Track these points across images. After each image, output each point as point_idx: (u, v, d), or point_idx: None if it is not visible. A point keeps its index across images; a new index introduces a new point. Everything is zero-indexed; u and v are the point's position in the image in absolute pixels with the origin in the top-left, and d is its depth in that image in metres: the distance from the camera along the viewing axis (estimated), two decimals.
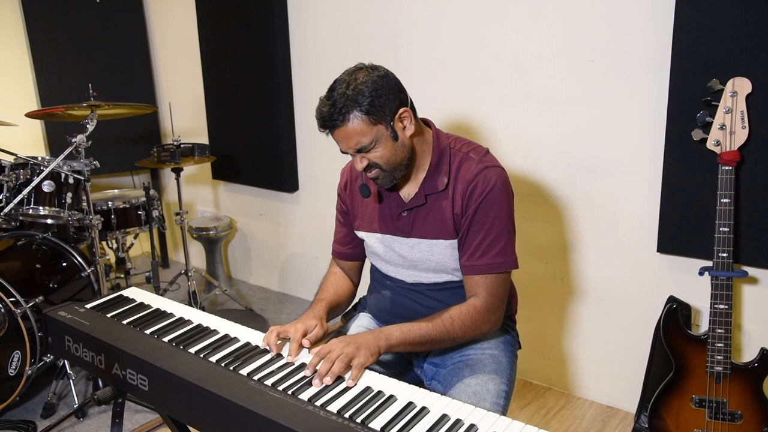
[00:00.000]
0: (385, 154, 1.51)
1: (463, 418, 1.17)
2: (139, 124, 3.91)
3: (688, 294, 2.22)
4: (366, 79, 1.45)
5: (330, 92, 1.47)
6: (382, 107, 1.45)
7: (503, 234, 1.54)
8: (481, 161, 1.56)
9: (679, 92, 2.11)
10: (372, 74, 1.46)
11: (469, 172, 1.54)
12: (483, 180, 1.53)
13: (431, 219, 1.59)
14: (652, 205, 2.29)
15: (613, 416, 2.52)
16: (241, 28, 3.36)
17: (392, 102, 1.47)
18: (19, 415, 2.53)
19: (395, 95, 1.48)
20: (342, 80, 1.47)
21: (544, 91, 2.47)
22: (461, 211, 1.55)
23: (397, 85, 1.50)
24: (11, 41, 3.65)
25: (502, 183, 1.54)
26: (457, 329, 1.52)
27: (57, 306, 1.63)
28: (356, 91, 1.43)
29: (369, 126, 1.46)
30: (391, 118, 1.48)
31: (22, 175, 2.58)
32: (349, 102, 1.43)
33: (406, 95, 1.52)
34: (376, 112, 1.45)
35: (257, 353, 1.41)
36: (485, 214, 1.53)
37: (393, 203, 1.63)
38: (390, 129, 1.48)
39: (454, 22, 2.64)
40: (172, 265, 4.35)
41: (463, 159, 1.58)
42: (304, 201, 3.52)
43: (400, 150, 1.53)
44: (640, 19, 2.20)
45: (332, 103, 1.44)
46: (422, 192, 1.58)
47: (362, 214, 1.70)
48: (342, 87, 1.45)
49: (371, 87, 1.44)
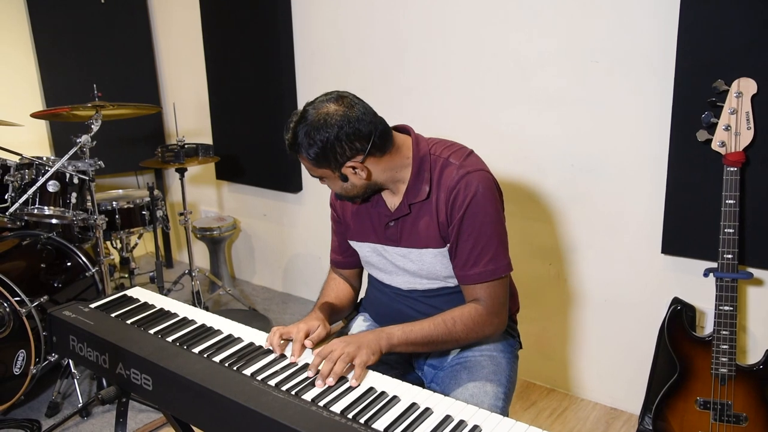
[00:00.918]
0: (335, 189, 1.58)
1: (466, 420, 1.17)
2: (144, 124, 3.92)
3: (692, 295, 2.21)
4: (322, 125, 1.42)
5: (297, 121, 1.47)
6: (327, 158, 1.46)
7: (492, 240, 1.53)
8: (462, 166, 1.53)
9: (683, 93, 2.10)
10: (333, 118, 1.42)
11: (450, 179, 1.52)
12: (465, 187, 1.50)
13: (417, 228, 1.58)
14: (656, 207, 2.29)
15: (617, 418, 2.52)
16: (245, 29, 3.36)
17: (342, 154, 1.45)
18: (23, 414, 2.54)
19: (350, 145, 1.45)
20: (308, 113, 1.46)
21: (547, 91, 2.46)
22: (446, 220, 1.54)
23: (357, 132, 1.44)
24: (17, 42, 3.66)
25: (485, 187, 1.51)
26: (459, 330, 1.51)
27: (62, 305, 1.63)
28: (308, 137, 1.44)
29: (314, 167, 1.50)
30: (340, 167, 1.48)
31: (28, 175, 2.59)
32: (299, 143, 1.46)
33: (367, 139, 1.46)
34: (321, 161, 1.47)
35: (261, 353, 1.41)
36: (471, 222, 1.51)
37: (381, 213, 1.63)
38: (337, 173, 1.49)
39: (456, 23, 2.64)
40: (176, 265, 4.35)
41: (443, 165, 1.55)
42: (307, 201, 3.52)
43: (351, 189, 1.55)
44: (645, 19, 2.20)
45: (291, 135, 1.48)
46: (405, 202, 1.57)
47: (354, 224, 1.70)
48: (302, 124, 1.45)
49: (323, 138, 1.42)
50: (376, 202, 1.63)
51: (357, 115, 1.45)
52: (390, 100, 2.88)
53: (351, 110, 1.45)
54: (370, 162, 1.50)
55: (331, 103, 1.46)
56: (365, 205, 1.66)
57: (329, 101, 1.46)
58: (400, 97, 2.87)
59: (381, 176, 1.54)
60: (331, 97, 1.48)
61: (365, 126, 1.45)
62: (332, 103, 1.45)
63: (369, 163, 1.50)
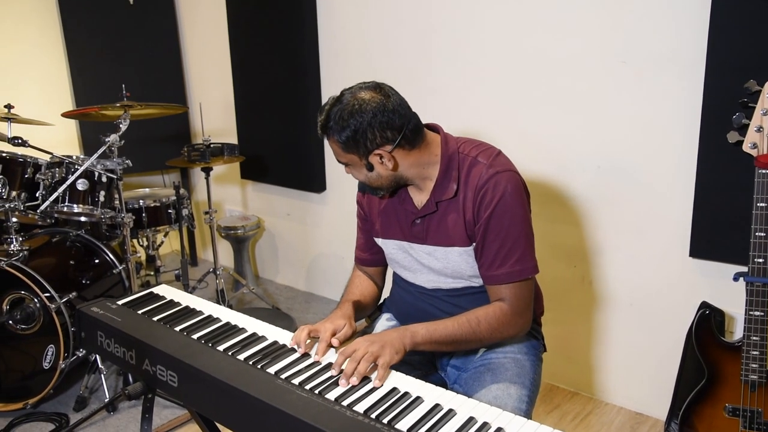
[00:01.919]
0: (359, 178, 1.59)
1: (490, 422, 1.16)
2: (170, 124, 3.96)
3: (721, 300, 2.17)
4: (357, 110, 1.44)
5: (332, 103, 1.49)
6: (357, 143, 1.47)
7: (520, 241, 1.52)
8: (491, 166, 1.53)
9: (714, 93, 2.06)
10: (368, 105, 1.45)
11: (478, 178, 1.52)
12: (493, 187, 1.50)
13: (444, 226, 1.58)
14: (684, 209, 2.25)
15: (643, 423, 2.48)
16: (271, 30, 3.39)
17: (372, 141, 1.47)
18: (52, 407, 2.59)
19: (380, 134, 1.46)
20: (344, 97, 1.48)
21: (574, 92, 2.44)
22: (473, 219, 1.53)
23: (390, 122, 1.46)
24: (49, 45, 3.74)
25: (513, 188, 1.51)
26: (484, 330, 1.51)
27: (90, 302, 1.66)
28: (342, 120, 1.45)
29: (343, 151, 1.51)
30: (367, 154, 1.49)
31: (58, 173, 2.64)
32: (331, 126, 1.48)
33: (399, 130, 1.48)
34: (350, 146, 1.48)
35: (284, 352, 1.42)
36: (499, 222, 1.50)
37: (407, 210, 1.63)
38: (364, 161, 1.50)
39: (483, 23, 2.62)
40: (201, 264, 4.40)
41: (471, 164, 1.55)
42: (331, 201, 3.53)
43: (376, 179, 1.55)
44: (674, 19, 2.16)
45: (324, 116, 1.50)
46: (433, 199, 1.57)
47: (380, 221, 1.70)
48: (338, 106, 1.47)
49: (356, 123, 1.44)
50: (403, 199, 1.63)
51: (392, 105, 1.47)
52: (414, 100, 2.83)
53: (387, 100, 1.47)
54: (399, 154, 1.51)
55: (368, 91, 1.48)
56: (392, 202, 1.66)
57: (367, 89, 1.49)
58: (425, 96, 2.87)
59: (408, 171, 1.55)
60: (369, 85, 1.50)
61: (399, 117, 1.47)
62: (369, 91, 1.48)
63: (397, 155, 1.51)
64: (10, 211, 2.56)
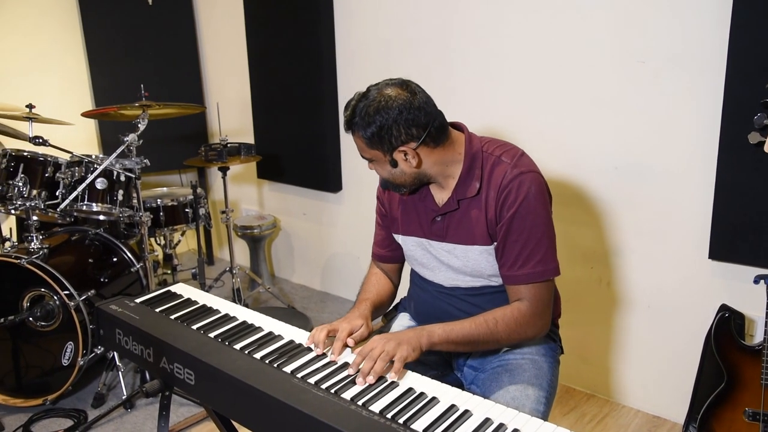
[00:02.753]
0: (383, 174, 1.58)
1: (506, 423, 1.16)
2: (188, 123, 3.99)
3: (741, 303, 2.14)
4: (383, 106, 1.45)
5: (358, 99, 1.50)
6: (381, 139, 1.47)
7: (542, 242, 1.52)
8: (516, 166, 1.52)
9: (735, 93, 2.04)
10: (395, 102, 1.45)
11: (502, 178, 1.51)
12: (517, 187, 1.49)
13: (465, 225, 1.57)
14: (704, 211, 2.22)
15: (660, 426, 2.46)
16: (288, 30, 3.40)
17: (397, 137, 1.47)
18: (71, 404, 2.62)
19: (405, 131, 1.46)
20: (370, 93, 1.49)
21: (592, 92, 2.42)
22: (495, 218, 1.53)
23: (415, 119, 1.46)
24: (70, 45, 3.78)
25: (537, 189, 1.51)
26: (501, 331, 1.50)
27: (108, 300, 1.68)
28: (367, 116, 1.46)
29: (367, 147, 1.51)
30: (392, 150, 1.49)
31: (77, 172, 2.67)
32: (357, 122, 1.48)
33: (424, 128, 1.48)
34: (375, 142, 1.48)
35: (300, 351, 1.43)
36: (522, 223, 1.50)
37: (428, 208, 1.62)
38: (388, 157, 1.50)
39: (501, 23, 2.61)
40: (217, 263, 4.43)
41: (495, 163, 1.55)
42: (347, 201, 3.54)
43: (399, 176, 1.55)
44: (694, 18, 2.14)
45: (350, 112, 1.50)
46: (454, 197, 1.57)
47: (400, 218, 1.70)
48: (363, 102, 1.48)
49: (382, 119, 1.45)
50: (424, 196, 1.63)
51: (418, 103, 1.47)
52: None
53: (413, 97, 1.47)
54: (423, 151, 1.51)
55: (394, 87, 1.48)
56: (412, 199, 1.66)
57: (393, 85, 1.49)
58: (443, 96, 2.81)
59: (431, 168, 1.55)
60: (396, 82, 1.50)
61: (424, 115, 1.48)
62: (396, 88, 1.48)
63: (421, 152, 1.51)
64: (30, 209, 2.59)
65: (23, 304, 2.52)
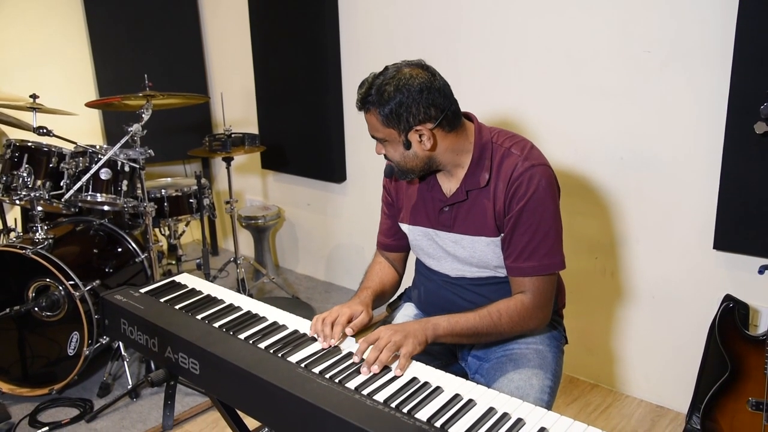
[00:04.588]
0: (395, 156, 1.55)
1: (510, 412, 1.16)
2: (192, 114, 3.99)
3: (746, 293, 2.14)
4: (404, 84, 1.44)
5: (375, 76, 1.49)
6: (399, 117, 1.45)
7: (550, 235, 1.52)
8: (526, 158, 1.52)
9: (741, 83, 2.02)
10: (415, 80, 1.44)
11: (513, 170, 1.51)
12: (528, 180, 1.49)
13: (473, 215, 1.57)
14: (708, 201, 2.21)
15: (663, 416, 2.46)
16: (292, 20, 3.38)
17: (415, 116, 1.46)
18: (77, 393, 2.64)
19: (424, 110, 1.45)
20: (389, 71, 1.48)
21: (597, 83, 2.41)
22: (503, 210, 1.53)
23: (434, 100, 1.46)
24: (73, 35, 3.77)
25: (547, 182, 1.50)
26: (505, 323, 1.51)
27: (113, 290, 1.69)
28: (386, 92, 1.44)
29: (382, 125, 1.49)
30: (407, 130, 1.47)
31: (82, 162, 2.67)
32: (374, 98, 1.46)
33: (441, 110, 1.47)
34: (391, 120, 1.46)
35: (305, 341, 1.43)
36: (531, 216, 1.49)
37: (436, 198, 1.62)
38: (403, 137, 1.49)
39: (507, 14, 2.59)
40: (222, 253, 4.44)
41: (504, 154, 1.54)
42: (351, 192, 3.54)
43: (411, 159, 1.53)
44: (700, 8, 2.12)
45: (366, 89, 1.48)
46: (463, 188, 1.56)
47: (406, 207, 1.70)
48: (380, 79, 1.46)
49: (401, 96, 1.43)
50: (431, 186, 1.62)
51: (438, 84, 1.47)
52: None
53: (434, 78, 1.47)
54: (438, 134, 1.50)
55: (414, 68, 1.48)
56: (419, 189, 1.65)
57: (413, 65, 1.48)
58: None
59: (443, 155, 1.54)
60: (415, 63, 1.50)
61: (443, 99, 1.47)
62: (416, 68, 1.48)
63: (437, 134, 1.50)
64: (35, 200, 2.60)
65: (29, 295, 2.53)
